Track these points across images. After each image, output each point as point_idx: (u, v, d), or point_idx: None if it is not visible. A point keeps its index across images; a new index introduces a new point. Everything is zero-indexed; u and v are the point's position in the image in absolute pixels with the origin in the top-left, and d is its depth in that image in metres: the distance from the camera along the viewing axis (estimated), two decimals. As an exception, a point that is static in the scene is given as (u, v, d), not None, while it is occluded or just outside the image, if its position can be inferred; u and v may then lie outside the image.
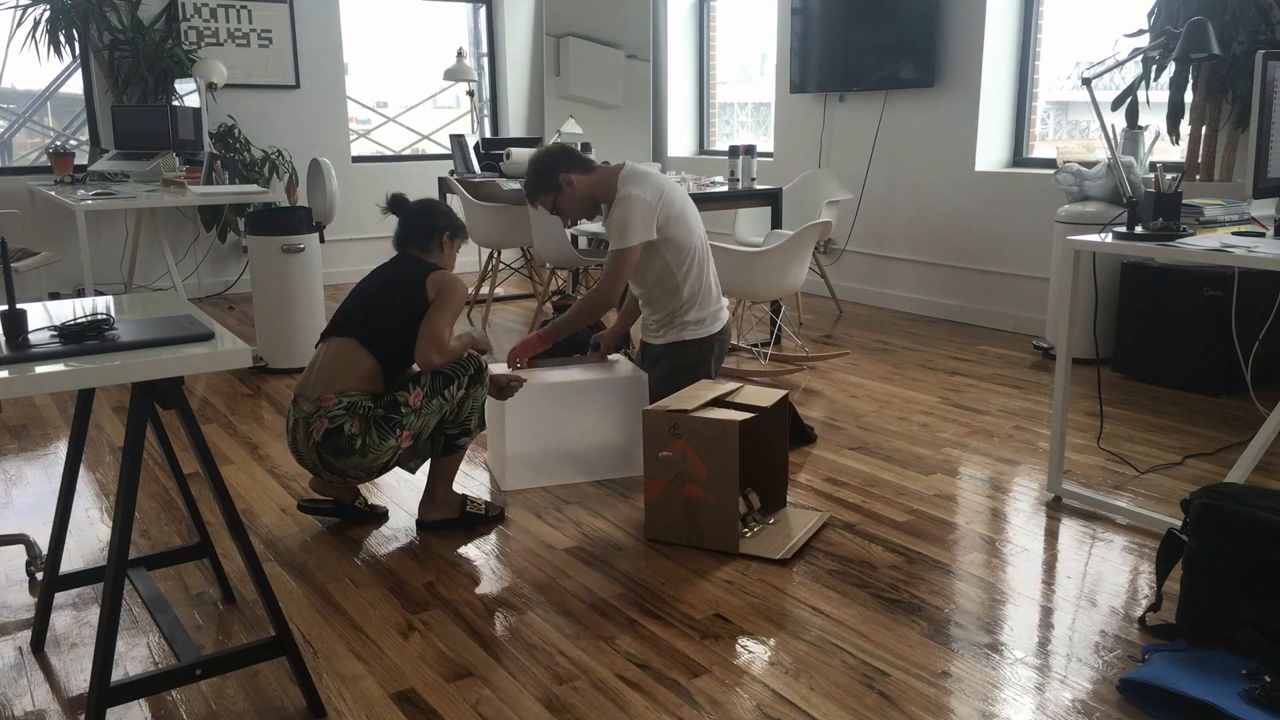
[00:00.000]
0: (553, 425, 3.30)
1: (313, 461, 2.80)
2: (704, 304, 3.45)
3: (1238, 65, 4.36)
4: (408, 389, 2.80)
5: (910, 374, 4.66)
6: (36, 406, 4.35)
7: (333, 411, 2.74)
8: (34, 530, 3.01)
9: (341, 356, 2.80)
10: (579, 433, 3.33)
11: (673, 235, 3.34)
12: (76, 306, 2.16)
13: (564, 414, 3.30)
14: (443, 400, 2.84)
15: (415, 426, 2.81)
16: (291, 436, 2.82)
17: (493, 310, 6.32)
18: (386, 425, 2.77)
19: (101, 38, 6.24)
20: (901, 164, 6.05)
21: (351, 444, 2.74)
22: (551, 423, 3.30)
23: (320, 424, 2.74)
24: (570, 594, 2.57)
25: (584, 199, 3.39)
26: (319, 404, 2.76)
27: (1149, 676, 2.06)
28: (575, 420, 3.32)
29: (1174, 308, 4.31)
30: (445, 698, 2.12)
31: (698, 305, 3.44)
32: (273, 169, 6.76)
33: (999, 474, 3.39)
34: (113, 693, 1.85)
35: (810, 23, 6.37)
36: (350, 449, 2.75)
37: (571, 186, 3.35)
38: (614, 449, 3.38)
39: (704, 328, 3.45)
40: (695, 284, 3.42)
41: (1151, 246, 2.81)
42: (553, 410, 3.28)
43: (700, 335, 3.45)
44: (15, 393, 1.63)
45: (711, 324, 3.48)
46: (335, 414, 2.74)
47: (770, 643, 2.32)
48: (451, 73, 6.99)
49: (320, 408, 2.75)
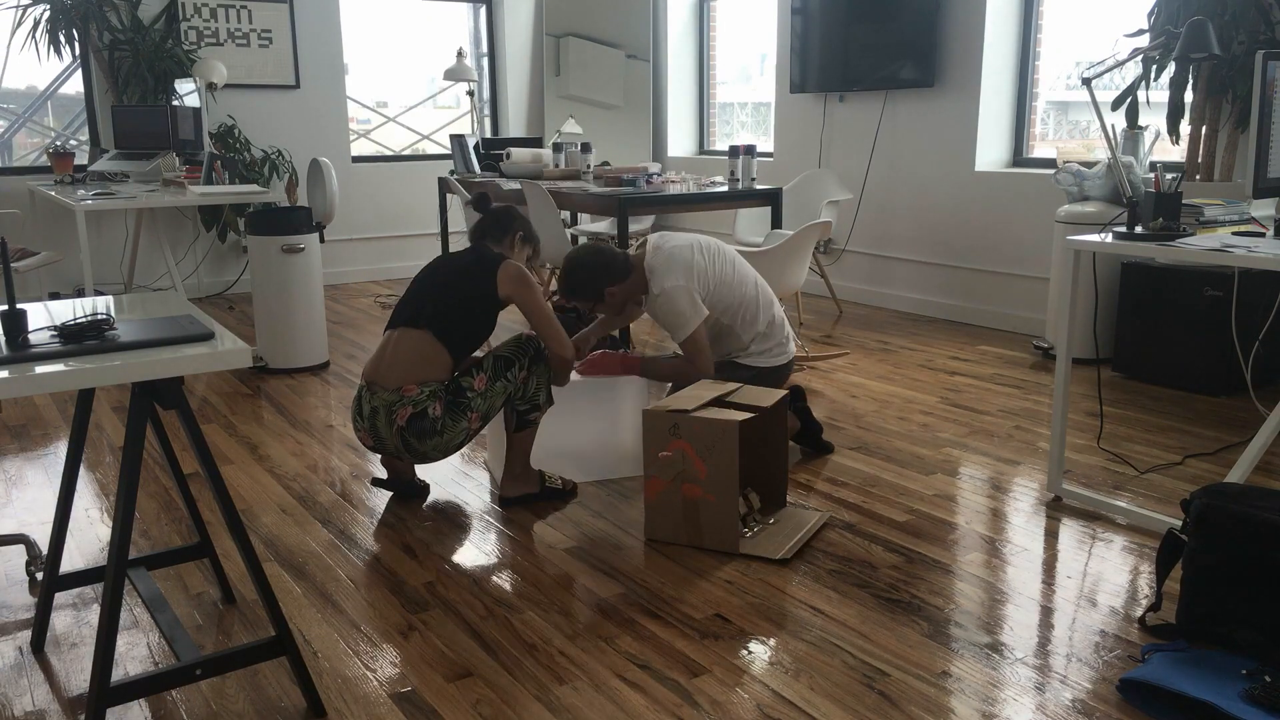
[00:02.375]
0: (553, 425, 3.30)
1: (395, 445, 2.99)
2: (766, 339, 3.49)
3: (1238, 65, 4.36)
4: (471, 374, 3.00)
5: (910, 374, 4.66)
6: (36, 406, 4.35)
7: (416, 398, 2.94)
8: (34, 530, 3.01)
9: (420, 349, 2.98)
10: (579, 433, 3.33)
11: (717, 300, 3.40)
12: (76, 306, 2.16)
13: (565, 414, 3.30)
14: (506, 382, 3.00)
15: (482, 409, 3.00)
16: (370, 423, 2.99)
17: (493, 310, 6.31)
18: (457, 409, 2.97)
19: (101, 37, 6.23)
20: (901, 164, 6.05)
21: (435, 426, 2.95)
22: (552, 422, 3.30)
23: (405, 410, 2.93)
24: (570, 594, 2.58)
25: (621, 304, 3.44)
26: (401, 393, 2.95)
27: (1149, 676, 2.06)
28: (576, 420, 3.32)
29: (1174, 308, 4.31)
30: (445, 698, 2.12)
31: (759, 341, 3.49)
32: (273, 169, 6.76)
33: (999, 474, 3.39)
34: (113, 693, 1.85)
35: (810, 23, 6.37)
36: (433, 430, 2.95)
37: (614, 296, 3.38)
38: (614, 449, 3.37)
39: (765, 358, 3.49)
40: (752, 327, 3.47)
41: (1151, 246, 2.81)
42: (554, 410, 3.28)
43: (759, 365, 3.48)
44: (15, 393, 1.63)
45: (775, 357, 3.51)
46: (419, 400, 2.94)
47: (770, 643, 2.32)
48: (451, 73, 6.99)
49: (403, 396, 2.94)
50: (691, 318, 3.32)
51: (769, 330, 3.49)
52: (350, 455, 3.66)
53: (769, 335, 3.50)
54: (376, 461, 3.58)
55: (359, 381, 3.25)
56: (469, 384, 2.98)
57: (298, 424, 4.01)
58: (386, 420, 2.95)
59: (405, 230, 7.58)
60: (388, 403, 2.95)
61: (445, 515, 3.11)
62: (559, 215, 4.98)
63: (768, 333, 3.49)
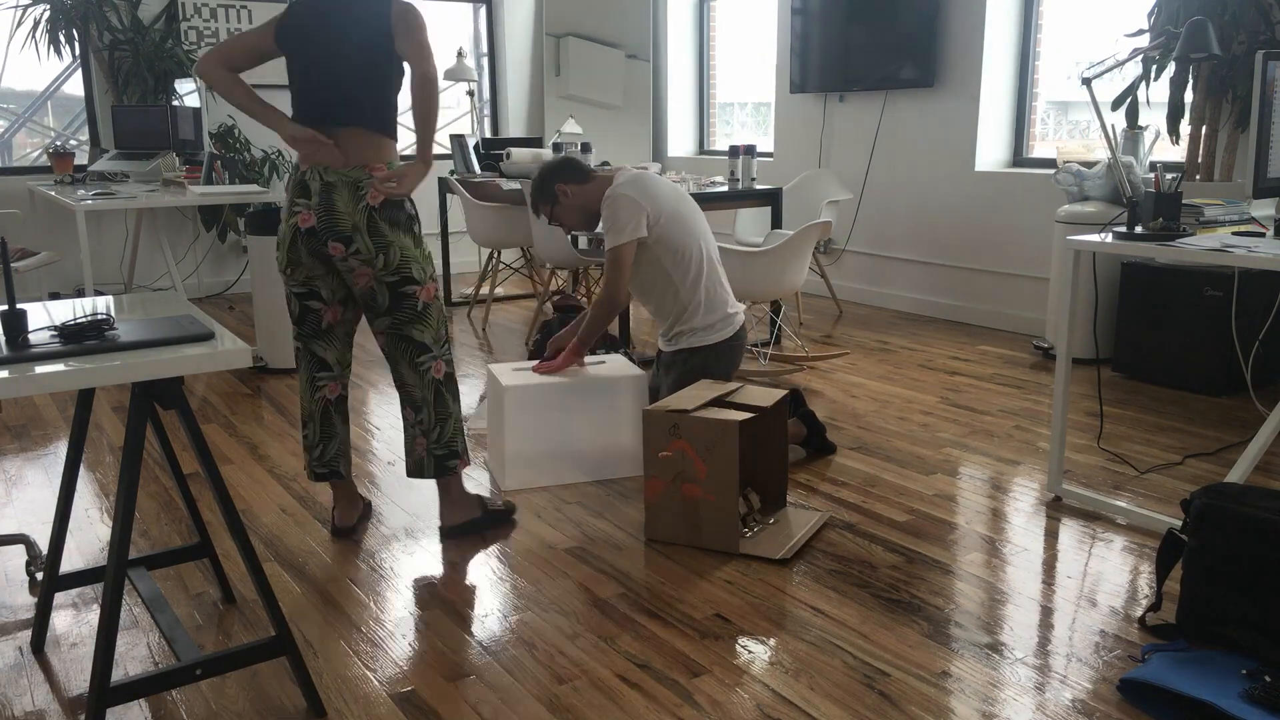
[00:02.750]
0: (553, 425, 3.30)
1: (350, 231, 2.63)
2: (710, 309, 3.42)
3: (1238, 65, 4.36)
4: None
5: (910, 374, 4.66)
6: (36, 406, 4.35)
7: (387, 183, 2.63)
8: (34, 530, 3.01)
9: (362, 141, 2.65)
10: (579, 433, 3.33)
11: (665, 235, 3.33)
12: (76, 306, 2.16)
13: (565, 414, 3.30)
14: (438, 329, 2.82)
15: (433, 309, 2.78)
16: (321, 201, 2.63)
17: (493, 310, 6.32)
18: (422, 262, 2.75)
19: (101, 37, 6.23)
20: (902, 164, 6.05)
21: (411, 224, 2.71)
22: (552, 422, 3.30)
23: (375, 194, 2.62)
24: (570, 594, 2.58)
25: (579, 209, 3.42)
26: (368, 170, 2.63)
27: (1149, 676, 2.06)
28: (576, 420, 3.31)
29: (1174, 308, 4.31)
30: (445, 698, 2.12)
31: (703, 311, 3.41)
32: (273, 169, 6.76)
33: (999, 474, 3.39)
34: (113, 693, 1.85)
35: (810, 23, 6.37)
36: (410, 227, 2.70)
37: (567, 196, 3.38)
38: (614, 449, 3.37)
39: (713, 333, 3.43)
40: (696, 289, 3.40)
41: (1151, 246, 2.81)
42: (553, 410, 3.28)
43: (709, 342, 3.42)
44: (15, 393, 1.63)
45: (722, 329, 3.44)
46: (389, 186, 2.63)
47: (770, 643, 2.32)
48: (452, 73, 6.99)
49: (371, 174, 2.63)
50: (627, 226, 3.27)
51: (711, 301, 3.42)
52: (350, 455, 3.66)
53: (712, 307, 3.43)
54: (376, 458, 3.58)
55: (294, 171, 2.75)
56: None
57: (298, 424, 4.01)
58: (351, 198, 2.62)
59: (405, 230, 7.57)
60: (352, 179, 2.62)
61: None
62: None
63: (710, 303, 3.42)
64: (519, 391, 3.23)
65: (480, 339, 5.50)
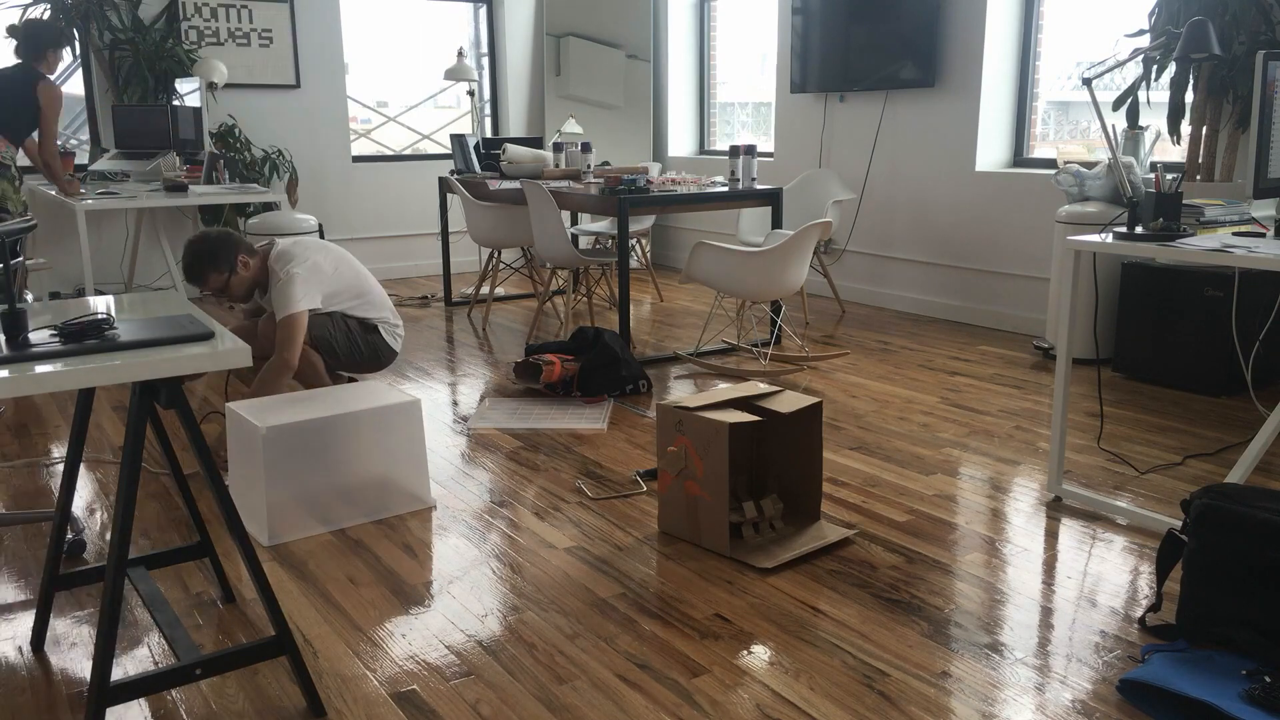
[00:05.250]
0: (318, 464, 2.95)
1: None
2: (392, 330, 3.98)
3: (1238, 65, 4.36)
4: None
5: (910, 374, 4.66)
6: (36, 406, 4.35)
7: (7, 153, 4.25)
8: (34, 530, 3.01)
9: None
10: (350, 470, 3.01)
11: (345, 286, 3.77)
12: (76, 306, 2.16)
13: (330, 450, 2.97)
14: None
15: None
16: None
17: (493, 310, 6.32)
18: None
19: (102, 37, 6.23)
20: (902, 164, 6.05)
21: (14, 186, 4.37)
22: (316, 461, 2.94)
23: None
24: (570, 594, 2.58)
25: (249, 286, 3.61)
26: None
27: (1149, 677, 2.06)
28: (343, 456, 2.99)
29: (1174, 308, 4.31)
30: (445, 698, 2.12)
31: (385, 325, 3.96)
32: (273, 169, 6.76)
33: (999, 474, 3.39)
34: (113, 693, 1.85)
35: (810, 23, 6.37)
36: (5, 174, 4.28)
37: (246, 269, 3.58)
38: (392, 483, 3.09)
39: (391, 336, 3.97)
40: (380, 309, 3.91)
41: (1151, 247, 2.81)
42: (315, 447, 2.93)
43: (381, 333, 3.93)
44: (15, 392, 1.63)
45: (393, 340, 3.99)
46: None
47: (770, 643, 2.32)
48: (452, 72, 6.99)
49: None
50: (301, 301, 3.51)
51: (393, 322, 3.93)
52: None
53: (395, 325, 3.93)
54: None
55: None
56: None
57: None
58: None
59: (405, 230, 7.58)
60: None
61: (445, 515, 3.11)
62: (559, 215, 4.98)
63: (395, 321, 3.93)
64: (276, 432, 2.85)
65: (480, 339, 5.50)
